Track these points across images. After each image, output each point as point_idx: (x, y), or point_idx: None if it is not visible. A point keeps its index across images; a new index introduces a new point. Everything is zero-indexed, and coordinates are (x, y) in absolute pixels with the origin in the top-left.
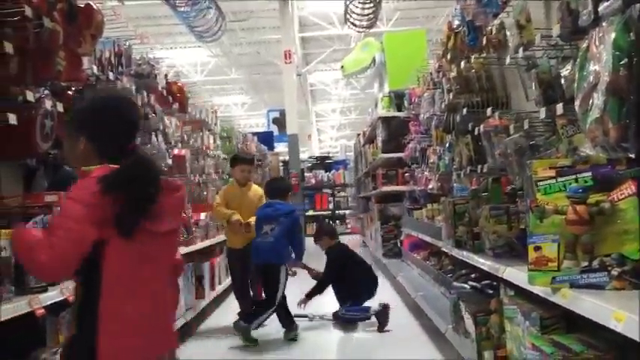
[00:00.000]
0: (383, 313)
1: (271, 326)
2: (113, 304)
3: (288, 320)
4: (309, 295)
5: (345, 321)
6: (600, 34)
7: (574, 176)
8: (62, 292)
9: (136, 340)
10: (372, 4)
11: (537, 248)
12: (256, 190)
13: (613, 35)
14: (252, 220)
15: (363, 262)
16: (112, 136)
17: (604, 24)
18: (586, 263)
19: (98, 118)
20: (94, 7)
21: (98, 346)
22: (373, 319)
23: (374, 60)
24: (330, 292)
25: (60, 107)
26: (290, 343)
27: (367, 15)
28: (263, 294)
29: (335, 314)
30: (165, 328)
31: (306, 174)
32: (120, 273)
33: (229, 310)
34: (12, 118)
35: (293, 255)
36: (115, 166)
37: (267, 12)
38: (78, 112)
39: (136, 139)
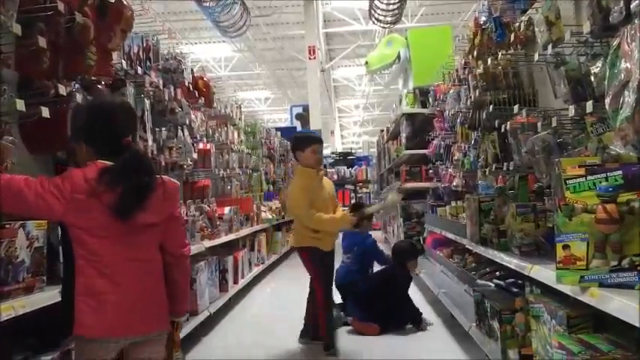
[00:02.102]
0: None
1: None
2: (86, 282)
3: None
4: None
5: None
6: (632, 32)
7: (604, 175)
8: None
9: (110, 316)
10: (396, 0)
11: (566, 247)
12: (324, 176)
13: None
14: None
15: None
16: (104, 136)
17: (636, 21)
18: (615, 262)
19: (88, 123)
20: (124, 2)
21: (75, 319)
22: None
23: (398, 56)
24: None
25: None
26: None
27: (392, 11)
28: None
29: None
30: (151, 310)
31: (328, 170)
32: (91, 257)
33: (253, 304)
34: (44, 112)
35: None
36: (106, 162)
37: (292, 7)
38: (73, 122)
39: (129, 137)
